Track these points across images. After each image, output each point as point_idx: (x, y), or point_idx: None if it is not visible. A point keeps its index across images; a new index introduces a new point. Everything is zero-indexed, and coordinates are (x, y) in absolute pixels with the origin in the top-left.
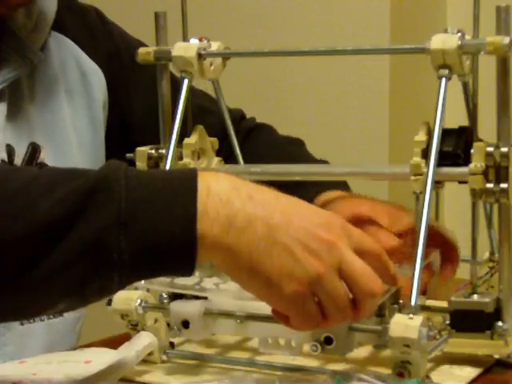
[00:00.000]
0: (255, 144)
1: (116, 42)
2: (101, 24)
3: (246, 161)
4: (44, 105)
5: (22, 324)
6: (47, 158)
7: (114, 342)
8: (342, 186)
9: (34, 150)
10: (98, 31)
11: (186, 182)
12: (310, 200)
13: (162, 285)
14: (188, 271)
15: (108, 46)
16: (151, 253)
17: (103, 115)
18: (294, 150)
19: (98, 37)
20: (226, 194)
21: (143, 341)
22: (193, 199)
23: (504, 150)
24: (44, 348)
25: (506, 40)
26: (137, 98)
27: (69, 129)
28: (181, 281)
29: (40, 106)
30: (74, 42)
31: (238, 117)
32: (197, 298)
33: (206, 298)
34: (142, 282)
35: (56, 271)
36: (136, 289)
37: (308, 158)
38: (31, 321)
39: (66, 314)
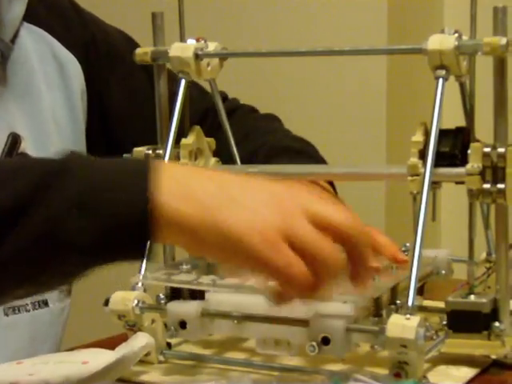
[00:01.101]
0: (234, 127)
1: (91, 30)
2: (75, 13)
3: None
4: (23, 96)
5: (7, 315)
6: (28, 148)
7: (112, 343)
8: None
9: (14, 140)
10: (73, 21)
11: (140, 165)
12: None
13: (158, 280)
14: (144, 248)
15: (83, 35)
16: (111, 231)
17: (82, 105)
18: (272, 130)
19: (72, 27)
20: (183, 174)
21: (140, 341)
22: (147, 178)
23: (501, 150)
24: (28, 339)
25: (503, 41)
26: (115, 87)
27: (49, 120)
28: (178, 277)
29: (19, 98)
30: (49, 33)
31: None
32: (194, 298)
33: (203, 299)
34: (140, 278)
35: (12, 257)
36: (133, 289)
37: (286, 135)
38: (16, 311)
39: (51, 305)
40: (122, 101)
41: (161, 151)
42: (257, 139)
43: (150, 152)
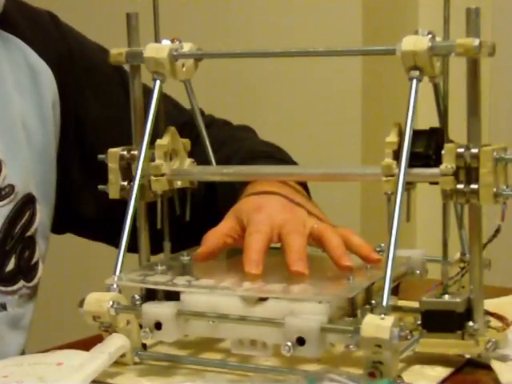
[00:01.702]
0: (211, 138)
1: (69, 43)
2: (53, 26)
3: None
4: None
5: None
6: None
7: (86, 344)
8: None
9: None
10: (50, 32)
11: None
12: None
13: (133, 282)
14: None
15: (60, 47)
16: None
17: (54, 114)
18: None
19: (49, 38)
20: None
21: (116, 343)
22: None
23: (474, 151)
24: None
25: (476, 42)
26: (91, 99)
27: (18, 127)
28: (153, 278)
29: None
30: (25, 43)
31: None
32: (169, 299)
33: (178, 299)
34: (115, 279)
35: None
36: (108, 290)
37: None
38: None
39: (9, 309)
40: (97, 112)
41: (136, 152)
42: (233, 144)
43: (125, 153)
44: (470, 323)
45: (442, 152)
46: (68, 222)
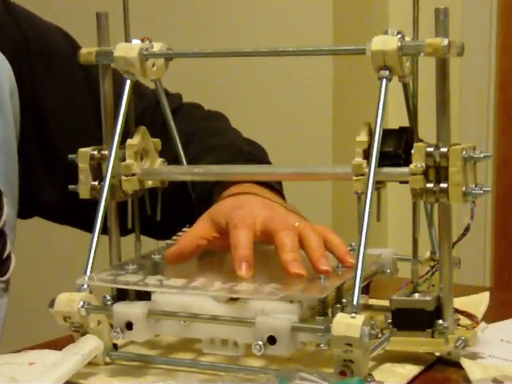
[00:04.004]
0: (179, 126)
1: (23, 29)
2: (4, 11)
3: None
4: None
5: None
6: None
7: (58, 344)
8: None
9: None
10: (3, 20)
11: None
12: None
13: (104, 281)
14: None
15: (13, 33)
16: None
17: (12, 103)
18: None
19: (2, 26)
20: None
21: (89, 344)
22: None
23: (443, 150)
24: None
25: (445, 42)
26: (50, 85)
27: None
28: (124, 278)
29: None
30: None
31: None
32: (140, 298)
33: (149, 299)
34: (86, 279)
35: None
36: (79, 290)
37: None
38: None
39: None
40: (57, 98)
41: (106, 152)
42: (205, 140)
43: (96, 153)
44: (440, 321)
45: (412, 151)
46: (30, 208)
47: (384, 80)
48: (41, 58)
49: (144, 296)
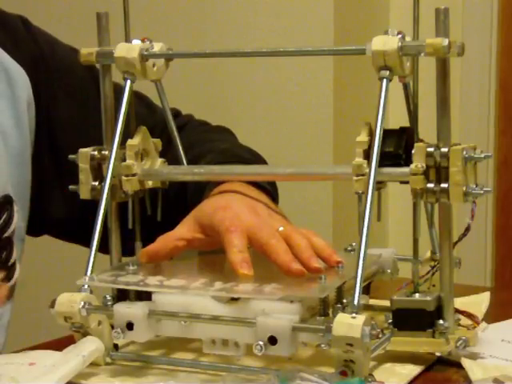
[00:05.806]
0: (182, 140)
1: (41, 46)
2: (24, 29)
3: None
4: None
5: None
6: None
7: (59, 345)
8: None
9: None
10: (21, 36)
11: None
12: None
13: (105, 282)
14: None
15: (32, 49)
16: None
17: (29, 115)
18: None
19: (21, 42)
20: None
21: (90, 346)
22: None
23: (444, 150)
24: None
25: (445, 42)
26: (63, 100)
27: None
28: (124, 278)
29: None
30: None
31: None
32: (140, 299)
33: (150, 299)
34: (87, 279)
35: None
36: (79, 291)
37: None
38: None
39: None
40: (69, 113)
41: (106, 152)
42: (203, 145)
43: (96, 153)
44: (441, 321)
45: (412, 151)
46: (40, 223)
47: (384, 80)
48: (56, 73)
49: (144, 296)
